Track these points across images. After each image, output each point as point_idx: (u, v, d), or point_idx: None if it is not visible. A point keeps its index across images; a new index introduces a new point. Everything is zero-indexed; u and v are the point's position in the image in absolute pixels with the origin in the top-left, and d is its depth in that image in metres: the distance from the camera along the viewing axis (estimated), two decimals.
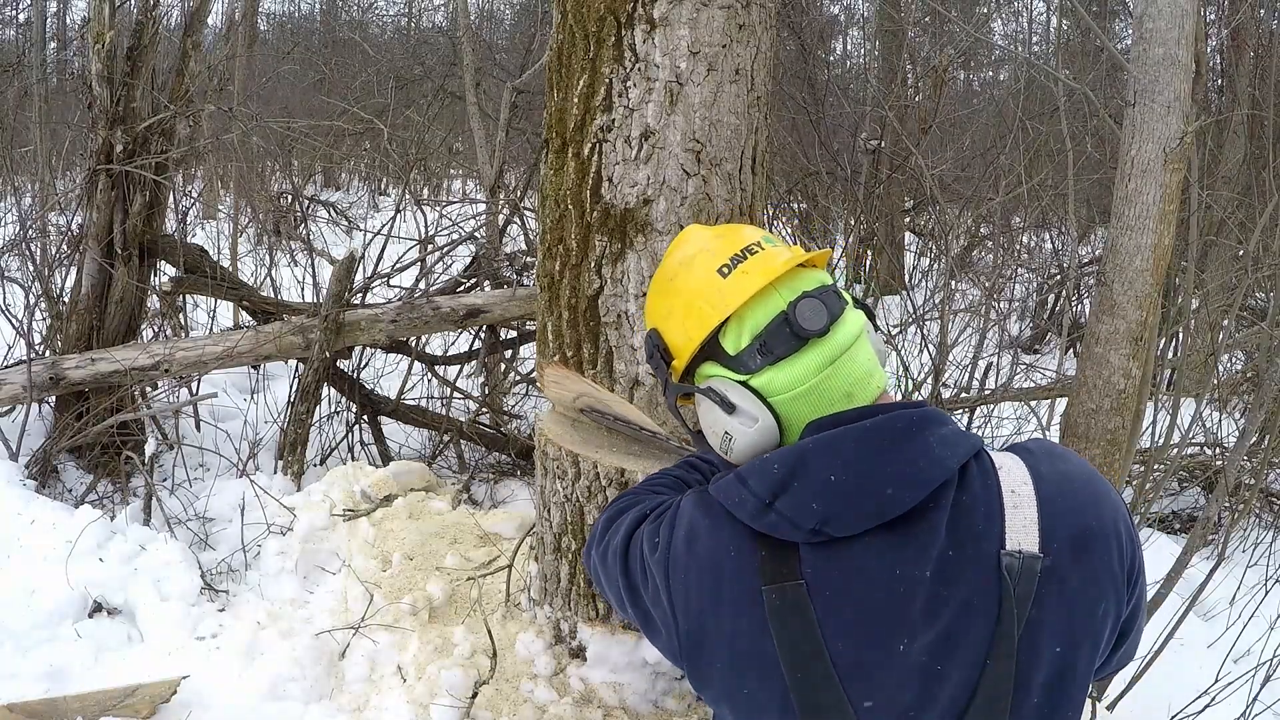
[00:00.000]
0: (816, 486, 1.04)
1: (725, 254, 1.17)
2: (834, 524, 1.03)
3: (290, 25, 18.14)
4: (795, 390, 1.11)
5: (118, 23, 3.94)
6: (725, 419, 1.14)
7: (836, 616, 1.04)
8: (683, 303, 1.18)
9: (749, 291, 1.12)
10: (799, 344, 1.10)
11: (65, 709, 2.38)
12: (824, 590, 1.04)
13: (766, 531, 1.06)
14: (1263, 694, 2.78)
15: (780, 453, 1.09)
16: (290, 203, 7.82)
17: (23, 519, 3.09)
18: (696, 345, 1.16)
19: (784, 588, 1.04)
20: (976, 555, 1.03)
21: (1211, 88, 6.82)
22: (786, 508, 1.05)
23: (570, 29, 2.16)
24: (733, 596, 1.07)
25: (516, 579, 2.72)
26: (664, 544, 1.16)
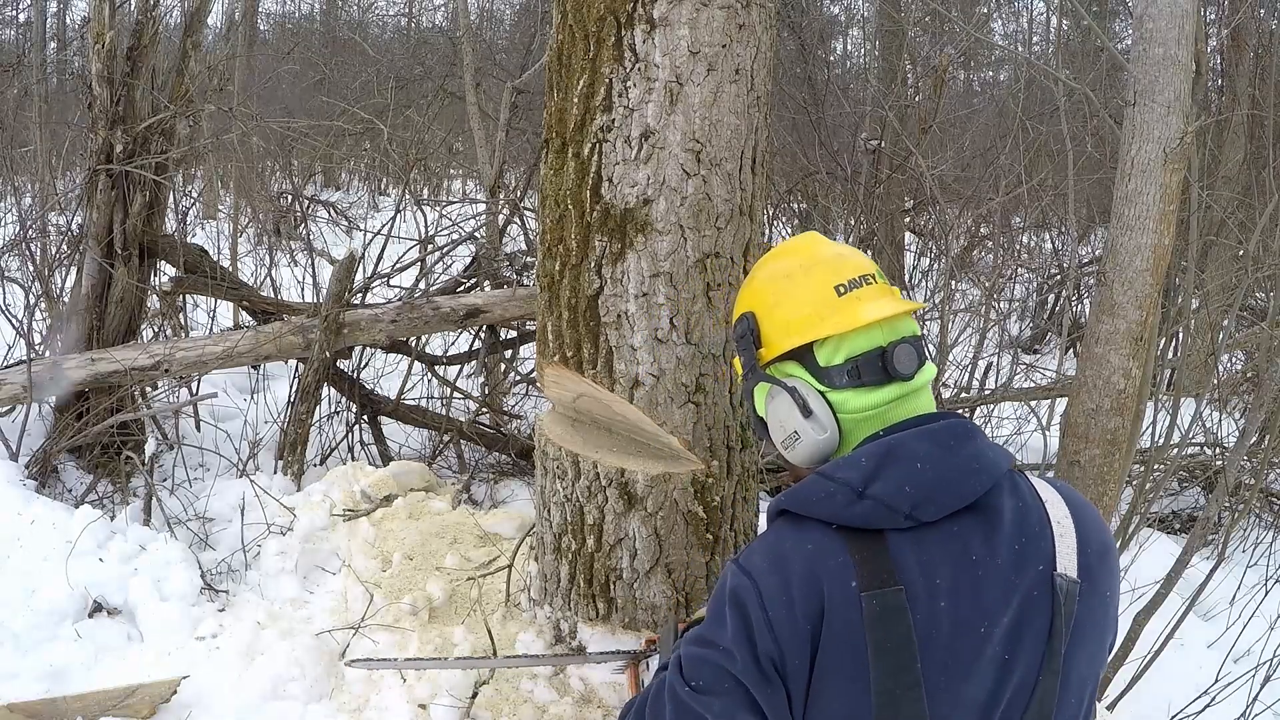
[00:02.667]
0: (906, 473, 1.13)
1: (844, 275, 1.26)
2: (924, 507, 1.12)
3: (290, 25, 18.12)
4: (866, 413, 1.22)
5: (118, 23, 3.95)
6: (800, 419, 1.24)
7: (932, 608, 1.11)
8: (795, 304, 1.27)
9: (864, 321, 1.22)
10: (885, 379, 1.22)
11: (65, 709, 2.38)
12: (918, 580, 1.11)
13: (857, 522, 1.13)
14: (1263, 694, 2.78)
15: (865, 449, 1.18)
16: (290, 203, 7.82)
17: (23, 519, 3.09)
18: (794, 345, 1.25)
19: (884, 594, 1.10)
20: (1036, 554, 1.15)
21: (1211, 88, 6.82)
22: (881, 493, 1.13)
23: (570, 29, 2.16)
24: (841, 601, 1.11)
25: (516, 579, 2.72)
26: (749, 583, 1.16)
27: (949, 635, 1.11)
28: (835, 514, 1.14)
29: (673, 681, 1.20)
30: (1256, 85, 6.20)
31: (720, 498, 2.28)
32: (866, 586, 1.10)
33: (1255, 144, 6.33)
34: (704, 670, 1.17)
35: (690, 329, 2.18)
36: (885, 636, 1.09)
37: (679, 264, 2.15)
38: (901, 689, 1.10)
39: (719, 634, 1.17)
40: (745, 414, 1.61)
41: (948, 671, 1.11)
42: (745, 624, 1.15)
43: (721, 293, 2.20)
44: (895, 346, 1.22)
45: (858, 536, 1.14)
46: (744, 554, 1.22)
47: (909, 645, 1.10)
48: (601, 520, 2.29)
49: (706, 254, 2.16)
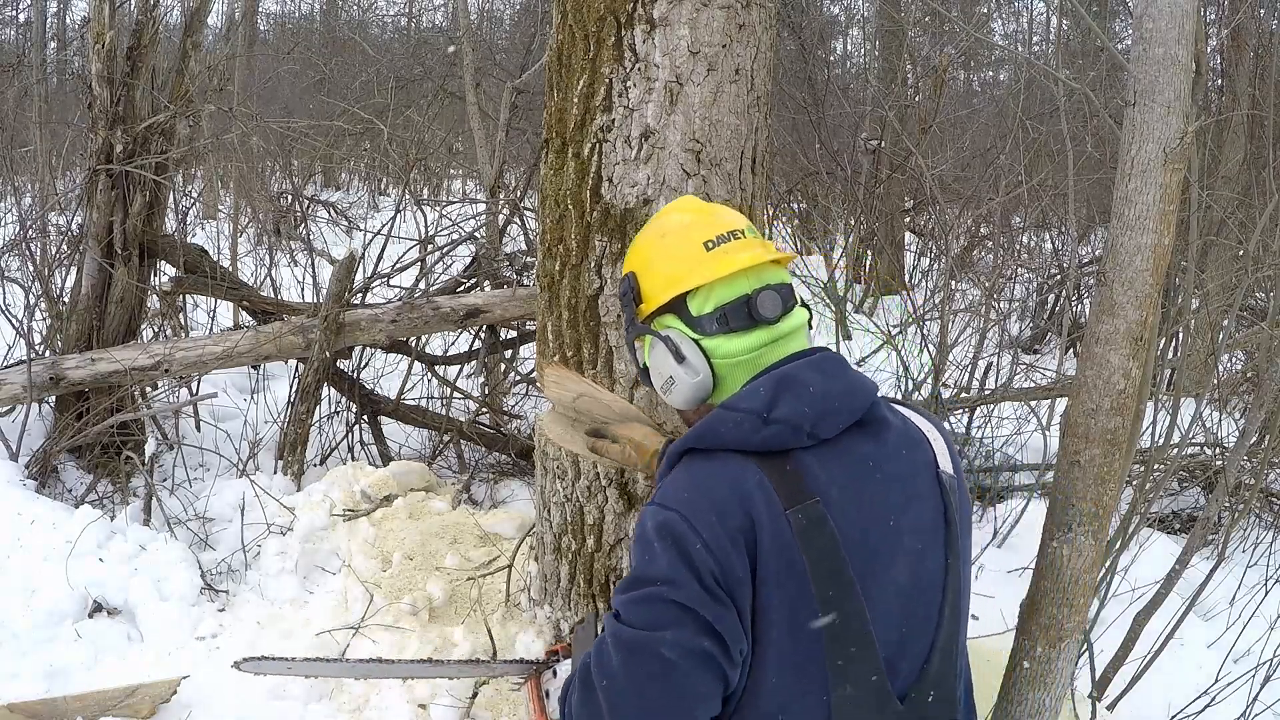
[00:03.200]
0: (801, 396, 1.24)
1: (713, 231, 1.38)
2: (822, 424, 1.24)
3: (290, 25, 18.13)
4: (737, 358, 1.33)
5: (118, 23, 3.94)
6: (674, 366, 1.35)
7: (845, 510, 1.21)
8: (667, 260, 1.38)
9: (726, 271, 1.33)
10: (751, 324, 1.33)
11: (65, 709, 2.38)
12: (830, 490, 1.21)
13: (765, 445, 1.23)
14: (1263, 694, 2.78)
15: (759, 381, 1.28)
16: (290, 203, 7.82)
17: (23, 519, 3.09)
18: (668, 299, 1.36)
19: (805, 508, 1.19)
20: (923, 461, 1.30)
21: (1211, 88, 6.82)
22: (784, 415, 1.23)
23: (570, 29, 2.16)
24: (769, 518, 1.19)
25: (516, 579, 2.72)
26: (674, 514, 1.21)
27: (865, 534, 1.22)
28: (745, 439, 1.23)
29: (614, 631, 1.19)
30: (1256, 85, 6.20)
31: None
32: (788, 504, 1.19)
33: (1255, 144, 6.33)
34: (647, 608, 1.18)
35: None
36: (815, 546, 1.18)
37: None
38: (839, 590, 1.18)
39: (654, 569, 1.19)
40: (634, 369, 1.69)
41: (871, 566, 1.21)
42: (680, 550, 1.18)
43: None
44: (759, 293, 1.33)
45: (767, 459, 1.22)
46: (657, 496, 1.27)
47: (837, 550, 1.19)
48: (601, 520, 2.29)
49: None
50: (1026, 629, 2.06)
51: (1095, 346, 1.88)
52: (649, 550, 1.21)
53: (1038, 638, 2.03)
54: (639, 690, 1.15)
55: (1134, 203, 1.82)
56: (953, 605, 1.29)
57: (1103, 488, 1.94)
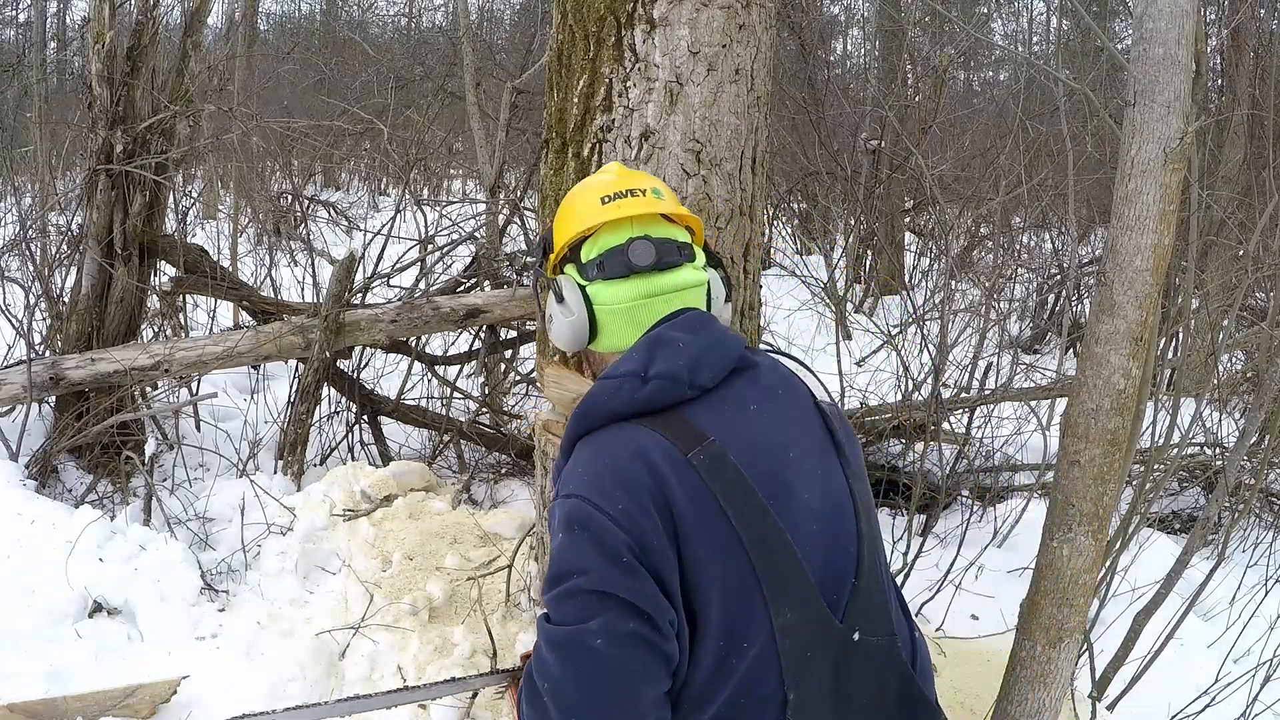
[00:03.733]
0: (674, 352, 1.27)
1: (614, 188, 1.43)
2: (699, 373, 1.27)
3: (290, 25, 18.14)
4: (614, 306, 1.37)
5: (118, 23, 3.94)
6: (555, 305, 1.43)
7: (740, 448, 1.24)
8: (570, 213, 1.45)
9: (605, 218, 1.39)
10: (626, 272, 1.37)
11: (65, 709, 2.38)
12: (722, 432, 1.24)
13: (649, 404, 1.25)
14: (1263, 694, 2.78)
15: (633, 346, 1.32)
16: (290, 203, 7.82)
17: (23, 519, 3.09)
18: (562, 246, 1.44)
19: (704, 447, 1.22)
20: (797, 391, 1.35)
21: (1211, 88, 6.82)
22: (661, 371, 1.26)
23: (570, 29, 2.16)
24: (673, 472, 1.20)
25: (516, 579, 2.72)
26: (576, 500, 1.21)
27: (765, 467, 1.24)
28: (628, 402, 1.26)
29: (546, 633, 1.20)
30: (1256, 85, 6.20)
31: None
32: (686, 449, 1.21)
33: (1255, 144, 6.33)
34: (569, 602, 1.18)
35: None
36: (723, 482, 1.20)
37: None
38: (754, 516, 1.20)
39: (567, 561, 1.19)
40: None
41: (779, 495, 1.23)
42: (588, 535, 1.18)
43: None
44: (634, 241, 1.37)
45: (656, 418, 1.25)
46: (560, 487, 1.27)
47: (743, 479, 1.21)
48: None
49: None
50: (1026, 629, 2.06)
51: (1095, 346, 1.88)
52: (559, 543, 1.21)
53: (1038, 638, 2.03)
54: (579, 686, 1.15)
55: (1134, 203, 1.82)
56: (866, 519, 1.33)
57: (1103, 488, 1.94)
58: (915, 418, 4.16)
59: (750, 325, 2.32)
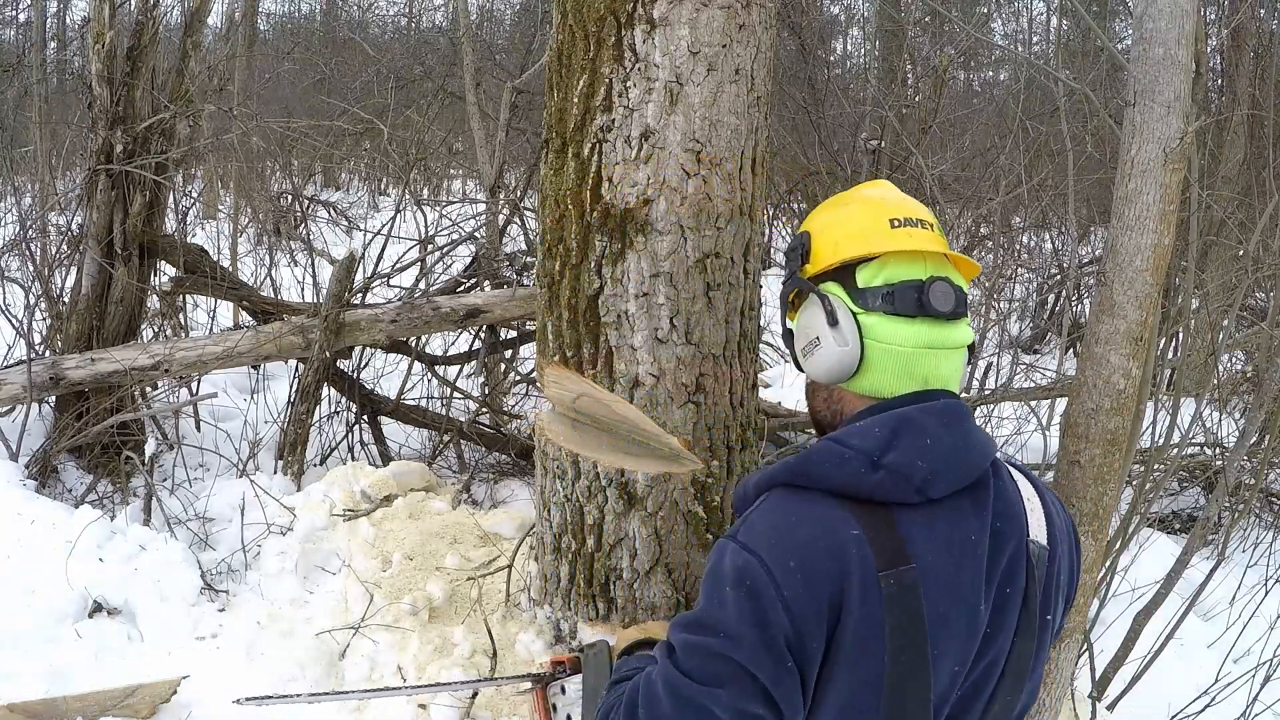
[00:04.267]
0: (919, 447, 1.15)
1: (903, 214, 1.29)
2: (934, 483, 1.14)
3: (290, 25, 18.14)
4: (893, 346, 1.22)
5: (118, 23, 3.94)
6: (825, 327, 1.25)
7: (936, 583, 1.13)
8: (847, 226, 1.30)
9: (906, 246, 1.24)
10: (918, 313, 1.22)
11: (65, 709, 2.38)
12: (925, 557, 1.13)
13: (871, 494, 1.13)
14: (1263, 694, 2.78)
15: (877, 419, 1.19)
16: (290, 203, 7.82)
17: (23, 519, 3.09)
18: (837, 262, 1.27)
19: (900, 573, 1.11)
20: (1013, 532, 1.20)
21: (1211, 88, 6.82)
22: (896, 463, 1.13)
23: (570, 29, 2.16)
24: (859, 583, 1.10)
25: (516, 579, 2.72)
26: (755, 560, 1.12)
27: (948, 612, 1.14)
28: (848, 482, 1.14)
29: (667, 675, 1.14)
30: (1256, 85, 6.20)
31: (720, 498, 2.28)
32: (883, 565, 1.10)
33: (1255, 144, 6.33)
34: (705, 660, 1.12)
35: (690, 329, 2.18)
36: (901, 617, 1.10)
37: (679, 264, 2.15)
38: (912, 668, 1.11)
39: (720, 618, 1.12)
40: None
41: (944, 645, 1.14)
42: (755, 605, 1.10)
43: (721, 293, 2.20)
44: (934, 281, 1.22)
45: (867, 511, 1.13)
46: (740, 530, 1.17)
47: (921, 624, 1.11)
48: (601, 520, 2.29)
49: (706, 254, 2.16)
50: None
51: (1095, 346, 1.88)
52: (720, 593, 1.13)
53: None
54: None
55: (1134, 203, 1.82)
56: (1008, 689, 1.23)
57: (1103, 488, 1.94)
58: None
59: (750, 325, 2.32)
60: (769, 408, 4.42)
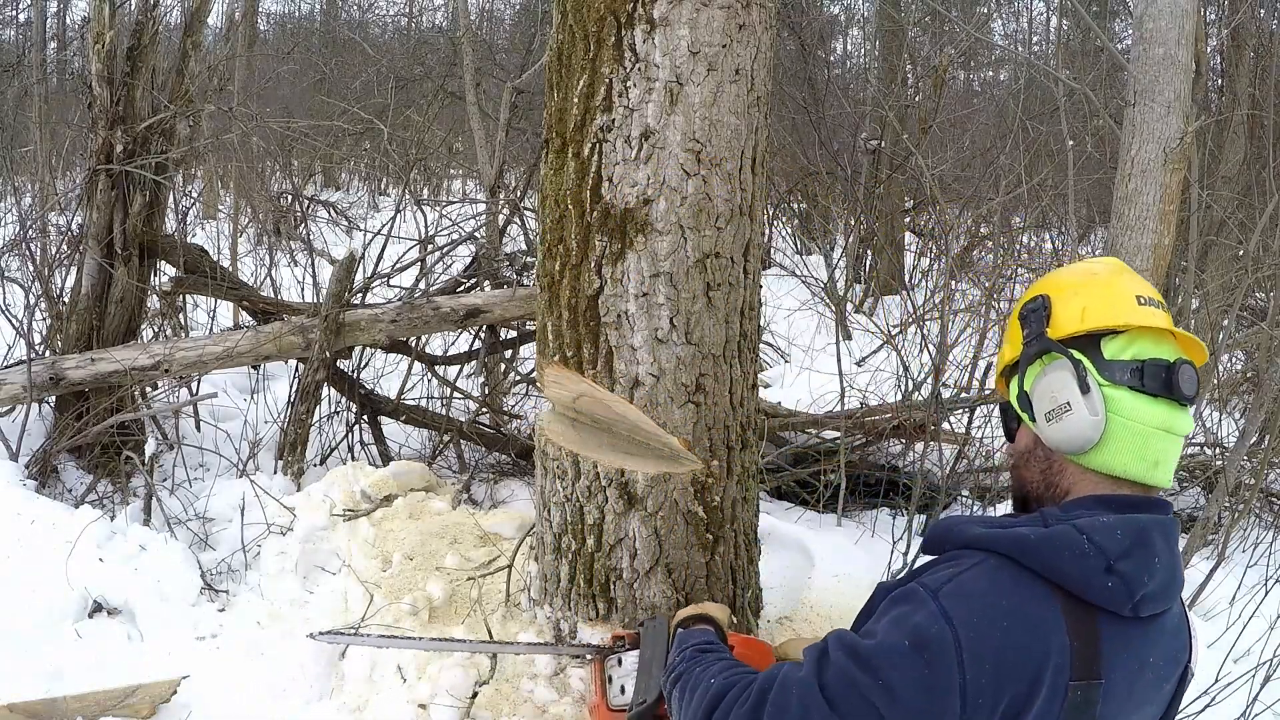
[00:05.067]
0: (1149, 562, 1.13)
1: (1147, 292, 1.28)
2: (1147, 602, 1.13)
3: (290, 25, 18.13)
4: (1134, 423, 1.20)
5: (118, 23, 3.94)
6: (1077, 394, 1.21)
7: (1113, 704, 1.12)
8: (1097, 295, 1.28)
9: (1155, 324, 1.24)
10: (1163, 393, 1.20)
11: (65, 709, 2.38)
12: (1113, 675, 1.11)
13: (1094, 596, 1.11)
14: (1263, 694, 2.78)
15: (1119, 521, 1.15)
16: (290, 203, 7.82)
17: (23, 519, 3.09)
18: (1083, 330, 1.25)
19: (1089, 685, 1.09)
20: (1181, 654, 1.23)
21: (1211, 88, 6.82)
22: (1127, 574, 1.11)
23: (570, 29, 2.16)
24: (1049, 689, 1.08)
25: (516, 579, 2.72)
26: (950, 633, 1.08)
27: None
28: (1080, 578, 1.11)
29: (807, 685, 1.12)
30: (1256, 85, 6.20)
31: (720, 498, 2.28)
32: (1076, 676, 1.08)
33: (1255, 144, 6.34)
34: (851, 693, 1.09)
35: (690, 329, 2.18)
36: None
37: (679, 264, 2.15)
38: None
39: (886, 666, 1.08)
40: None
41: None
42: (929, 677, 1.07)
43: (721, 293, 2.20)
44: (1182, 364, 1.21)
45: (1076, 614, 1.10)
46: (945, 591, 1.12)
47: None
48: (601, 520, 2.29)
49: (706, 254, 2.16)
50: None
51: None
52: (899, 644, 1.10)
53: None
54: None
55: (1134, 203, 1.82)
56: None
57: None
58: (915, 418, 4.16)
59: (750, 325, 2.32)
60: (769, 408, 4.43)
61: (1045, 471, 1.28)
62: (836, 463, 3.89)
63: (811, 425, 4.32)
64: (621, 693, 1.70)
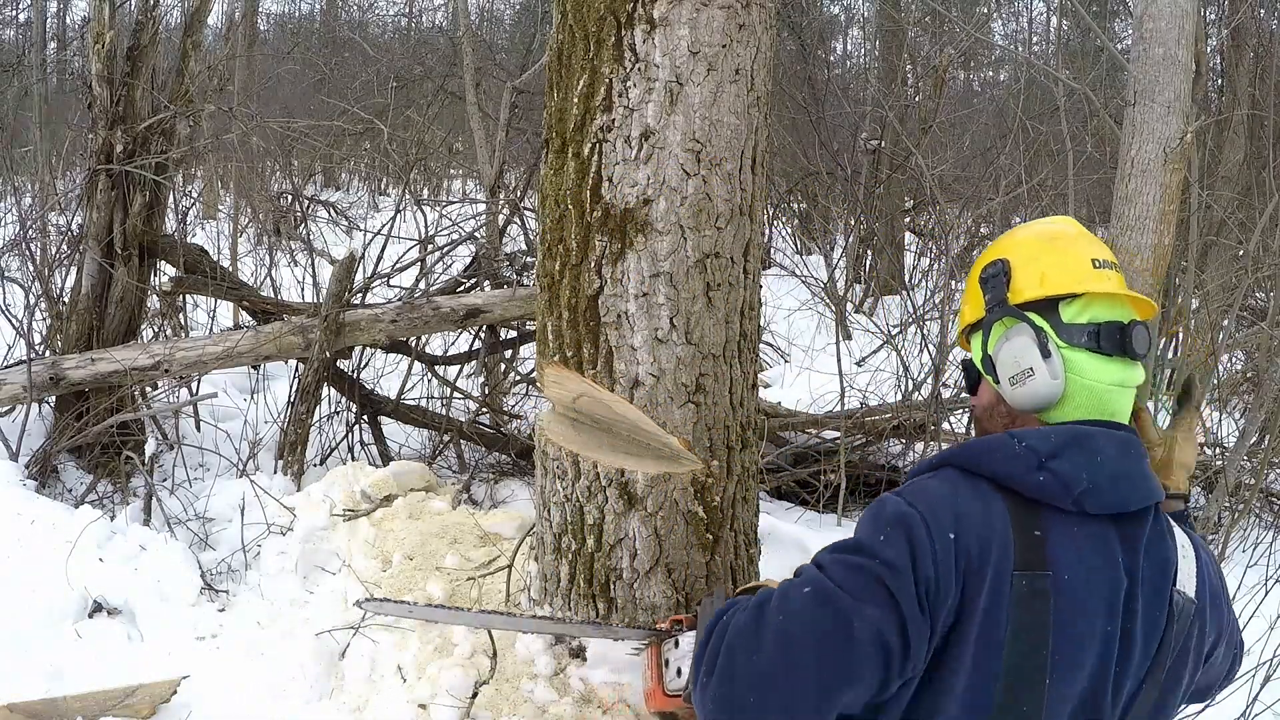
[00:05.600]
0: (1087, 461, 1.19)
1: (1100, 254, 1.35)
2: (1091, 498, 1.18)
3: (290, 25, 18.14)
4: (1092, 382, 1.28)
5: (118, 23, 3.95)
6: (1039, 359, 1.28)
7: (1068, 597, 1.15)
8: (1055, 260, 1.35)
9: (1101, 288, 1.31)
10: (1118, 353, 1.28)
11: (65, 709, 2.38)
12: (1062, 569, 1.16)
13: (1029, 491, 1.18)
14: (1263, 694, 2.78)
15: (1054, 428, 1.25)
16: (290, 203, 7.82)
17: (23, 519, 3.09)
18: (1044, 295, 1.32)
19: (1033, 577, 1.15)
20: (1159, 578, 1.22)
21: (1211, 88, 6.82)
22: (1061, 469, 1.18)
23: (570, 29, 2.16)
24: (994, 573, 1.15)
25: (516, 579, 2.72)
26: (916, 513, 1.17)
27: (1075, 629, 1.16)
28: (1013, 474, 1.19)
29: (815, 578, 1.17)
30: (1256, 85, 6.20)
31: (720, 498, 2.28)
32: (1019, 565, 1.15)
33: (1255, 144, 6.34)
34: (858, 575, 1.15)
35: (690, 329, 2.18)
36: (1026, 619, 1.14)
37: (679, 264, 2.15)
38: (1027, 672, 1.14)
39: (878, 547, 1.16)
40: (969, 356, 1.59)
41: (1064, 663, 1.15)
42: (910, 547, 1.14)
43: (721, 293, 2.20)
44: (1136, 325, 1.30)
45: (1021, 510, 1.18)
46: (907, 489, 1.23)
47: (1044, 630, 1.14)
48: (601, 520, 2.29)
49: (706, 254, 2.16)
50: None
51: None
52: (879, 529, 1.18)
53: None
54: (811, 641, 1.14)
55: (1134, 203, 1.82)
56: None
57: None
58: (915, 418, 4.16)
59: (750, 325, 2.32)
60: (769, 408, 4.43)
61: (1008, 426, 1.36)
62: (836, 463, 3.90)
63: (811, 425, 4.32)
64: (678, 675, 1.68)
